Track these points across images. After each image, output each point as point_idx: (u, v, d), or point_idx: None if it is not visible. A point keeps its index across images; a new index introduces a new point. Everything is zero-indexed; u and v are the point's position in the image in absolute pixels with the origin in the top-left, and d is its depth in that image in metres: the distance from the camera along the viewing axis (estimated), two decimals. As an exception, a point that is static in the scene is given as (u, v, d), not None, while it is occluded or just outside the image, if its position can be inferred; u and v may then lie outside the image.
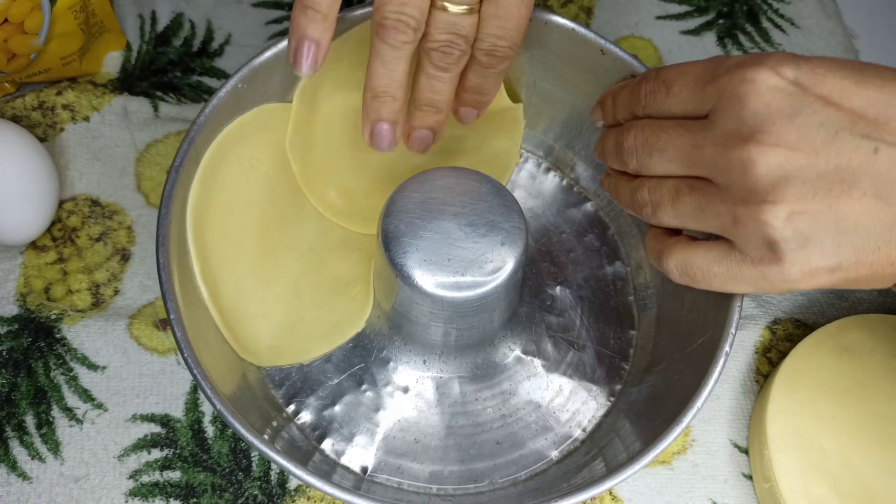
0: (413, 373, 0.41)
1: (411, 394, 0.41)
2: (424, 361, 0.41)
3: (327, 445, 0.39)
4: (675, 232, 0.33)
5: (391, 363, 0.41)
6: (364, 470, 0.39)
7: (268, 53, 0.39)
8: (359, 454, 0.39)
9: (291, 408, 0.40)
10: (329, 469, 0.38)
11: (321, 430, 0.40)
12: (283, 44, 0.38)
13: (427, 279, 0.35)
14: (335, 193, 0.43)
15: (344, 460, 0.39)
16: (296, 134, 0.41)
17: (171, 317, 0.34)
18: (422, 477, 0.39)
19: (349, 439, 0.40)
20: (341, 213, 0.43)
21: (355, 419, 0.40)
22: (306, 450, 0.39)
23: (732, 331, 0.35)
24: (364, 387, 0.41)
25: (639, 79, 0.34)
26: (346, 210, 0.43)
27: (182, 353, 0.33)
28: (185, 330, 0.34)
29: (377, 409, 0.40)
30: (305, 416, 0.40)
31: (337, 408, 0.40)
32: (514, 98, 0.44)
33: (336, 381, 0.41)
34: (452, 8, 0.34)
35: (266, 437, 0.35)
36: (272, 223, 0.41)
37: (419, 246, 0.35)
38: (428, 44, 0.35)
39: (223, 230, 0.39)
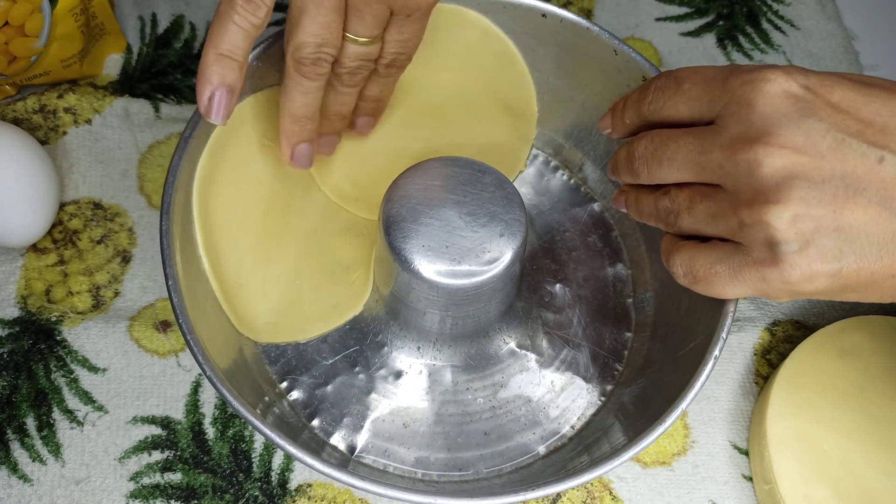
0: (407, 359, 0.41)
1: (404, 379, 0.41)
2: (419, 348, 0.41)
3: (317, 424, 0.40)
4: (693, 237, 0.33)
5: (386, 348, 0.41)
6: (351, 450, 0.39)
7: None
8: (347, 435, 0.40)
9: (284, 384, 0.40)
10: (317, 447, 0.39)
11: (312, 408, 0.40)
12: None
13: (425, 265, 0.35)
14: (343, 177, 0.44)
15: (332, 440, 0.39)
16: None
17: (170, 283, 0.34)
18: (408, 461, 0.39)
19: (339, 419, 0.40)
20: (348, 198, 0.44)
21: (346, 400, 0.40)
22: (296, 426, 0.39)
23: (723, 335, 0.35)
24: (357, 369, 0.41)
25: (650, 79, 0.34)
26: (352, 195, 0.44)
27: (178, 319, 0.33)
28: (183, 297, 0.34)
29: (369, 392, 0.40)
30: (297, 394, 0.40)
31: (329, 388, 0.40)
32: (529, 105, 0.44)
33: (330, 361, 0.41)
34: (361, 40, 0.36)
35: (258, 411, 0.35)
36: (278, 203, 0.42)
37: (419, 232, 0.36)
38: (340, 68, 0.37)
39: (229, 206, 0.40)
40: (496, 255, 0.36)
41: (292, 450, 0.32)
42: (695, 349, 0.36)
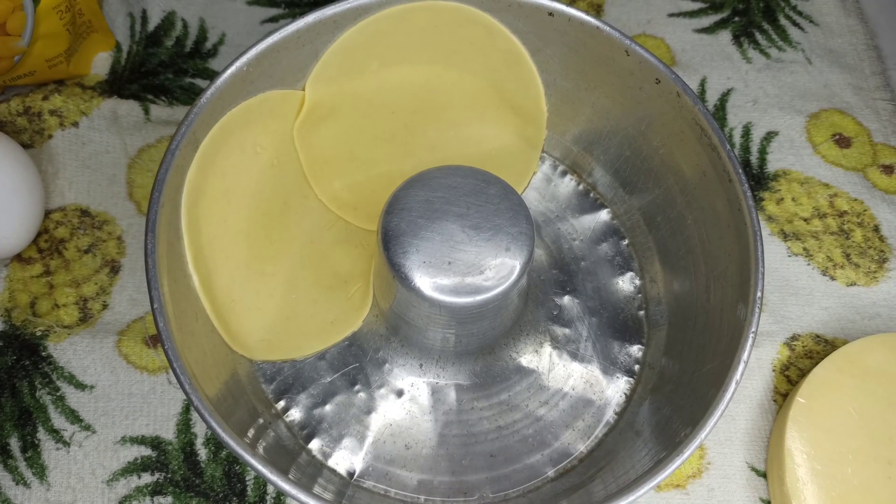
0: (408, 376, 0.39)
1: (405, 398, 0.39)
2: (421, 365, 0.39)
3: (315, 446, 0.38)
4: None
5: (386, 365, 0.39)
6: (350, 474, 0.38)
7: (276, 36, 0.37)
8: (346, 457, 0.38)
9: (281, 404, 0.39)
10: (315, 471, 0.37)
11: (310, 429, 0.38)
12: (293, 27, 0.37)
13: (426, 282, 0.33)
14: (341, 185, 0.42)
15: (331, 462, 0.38)
16: (305, 122, 0.40)
17: (155, 306, 0.32)
18: (410, 486, 0.38)
19: (338, 441, 0.38)
20: (346, 206, 0.42)
21: (346, 420, 0.38)
22: (293, 449, 0.37)
23: (744, 358, 0.33)
24: (357, 387, 0.39)
25: None
26: (350, 203, 0.42)
27: (164, 346, 0.32)
28: (168, 320, 0.32)
29: (369, 412, 0.39)
30: (295, 414, 0.39)
31: (328, 407, 0.39)
32: (537, 105, 0.42)
33: (329, 379, 0.39)
34: None
35: (250, 435, 0.33)
36: (272, 213, 0.40)
37: (419, 247, 0.34)
38: None
39: (220, 218, 0.38)
40: (502, 271, 0.34)
41: (286, 487, 0.30)
42: (713, 371, 0.34)
